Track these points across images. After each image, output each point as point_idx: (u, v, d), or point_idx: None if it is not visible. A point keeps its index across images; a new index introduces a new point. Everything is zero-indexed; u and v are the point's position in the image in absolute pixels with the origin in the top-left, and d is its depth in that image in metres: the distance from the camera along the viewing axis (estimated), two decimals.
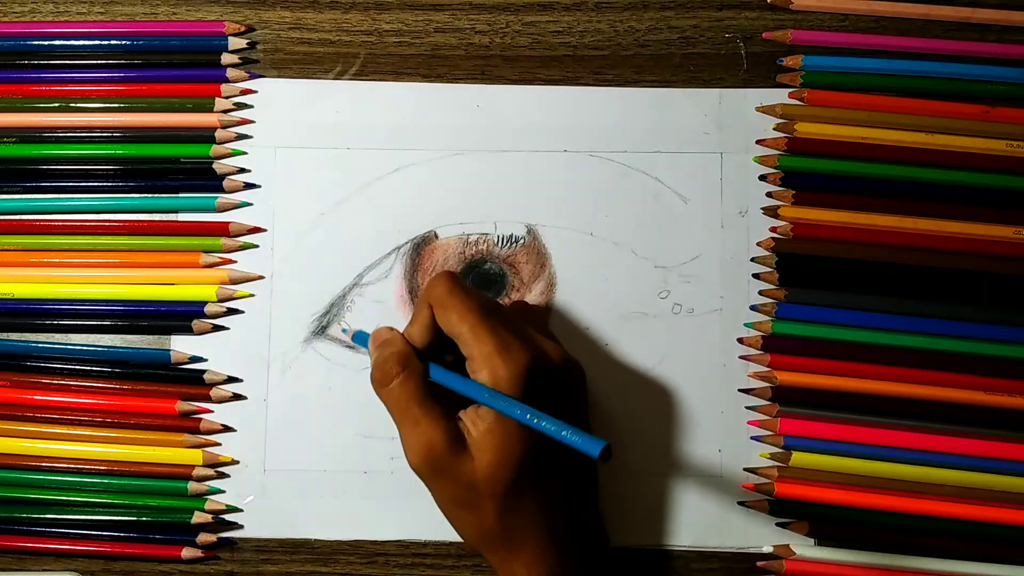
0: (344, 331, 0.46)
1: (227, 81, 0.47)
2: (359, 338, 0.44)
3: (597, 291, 0.46)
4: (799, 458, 0.44)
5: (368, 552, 0.45)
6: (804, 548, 0.44)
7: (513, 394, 0.36)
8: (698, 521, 0.45)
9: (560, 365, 0.39)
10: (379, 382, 0.38)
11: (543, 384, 0.37)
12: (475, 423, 0.37)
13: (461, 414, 0.38)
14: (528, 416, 0.35)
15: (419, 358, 0.38)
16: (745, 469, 0.45)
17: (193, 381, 0.46)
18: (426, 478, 0.38)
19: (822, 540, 0.44)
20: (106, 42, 0.48)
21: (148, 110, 0.47)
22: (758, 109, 0.47)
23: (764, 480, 0.45)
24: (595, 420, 0.45)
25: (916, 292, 0.46)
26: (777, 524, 0.45)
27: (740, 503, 0.45)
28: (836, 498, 0.44)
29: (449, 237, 0.47)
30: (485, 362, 0.36)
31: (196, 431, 0.45)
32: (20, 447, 0.46)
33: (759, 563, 0.45)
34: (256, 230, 0.47)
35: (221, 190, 0.47)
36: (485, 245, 0.47)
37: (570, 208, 0.47)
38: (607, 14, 0.48)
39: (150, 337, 0.47)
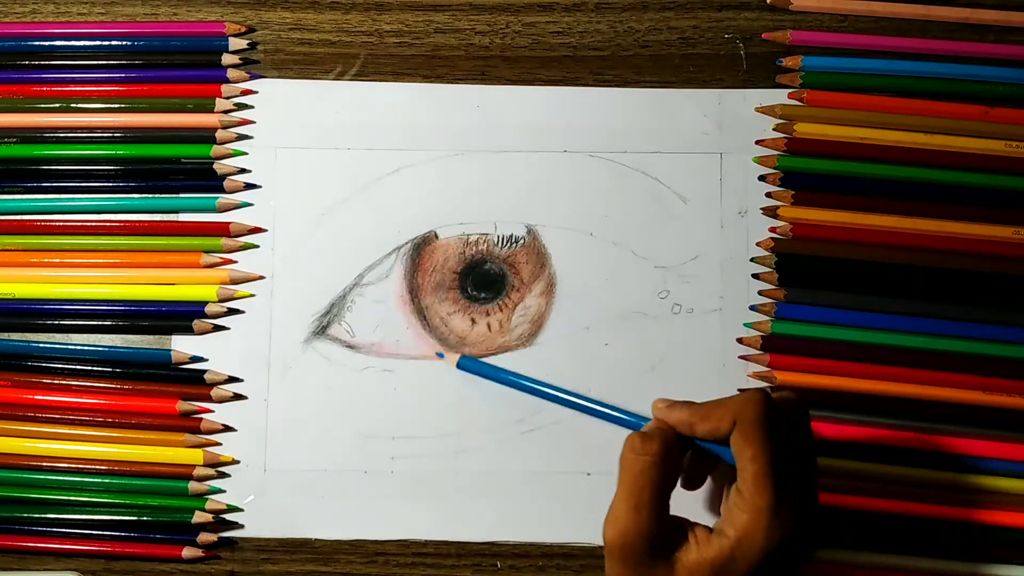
0: (440, 355, 0.45)
1: (228, 81, 0.48)
2: (465, 364, 0.44)
3: (597, 291, 0.46)
4: None
5: (368, 552, 0.45)
6: None
7: (755, 560, 0.33)
8: (698, 521, 0.45)
9: (811, 533, 0.36)
10: (632, 447, 0.36)
11: (786, 558, 0.34)
12: (702, 546, 0.34)
13: (688, 524, 0.35)
14: None
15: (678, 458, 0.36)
16: None
17: (194, 381, 0.46)
18: (610, 559, 0.35)
19: (822, 541, 0.44)
20: (107, 42, 0.48)
21: (149, 110, 0.47)
22: (758, 109, 0.47)
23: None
24: (594, 420, 0.45)
25: (916, 292, 0.46)
26: None
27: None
28: (836, 498, 0.44)
29: (449, 237, 0.47)
30: (750, 511, 0.33)
31: (197, 431, 0.46)
32: (21, 447, 0.46)
33: None
34: (257, 230, 0.47)
35: (222, 190, 0.47)
36: (485, 245, 0.47)
37: (570, 208, 0.47)
38: (607, 15, 0.48)
39: (151, 337, 0.47)
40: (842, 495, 0.44)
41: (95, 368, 0.46)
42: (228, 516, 0.45)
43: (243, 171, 0.47)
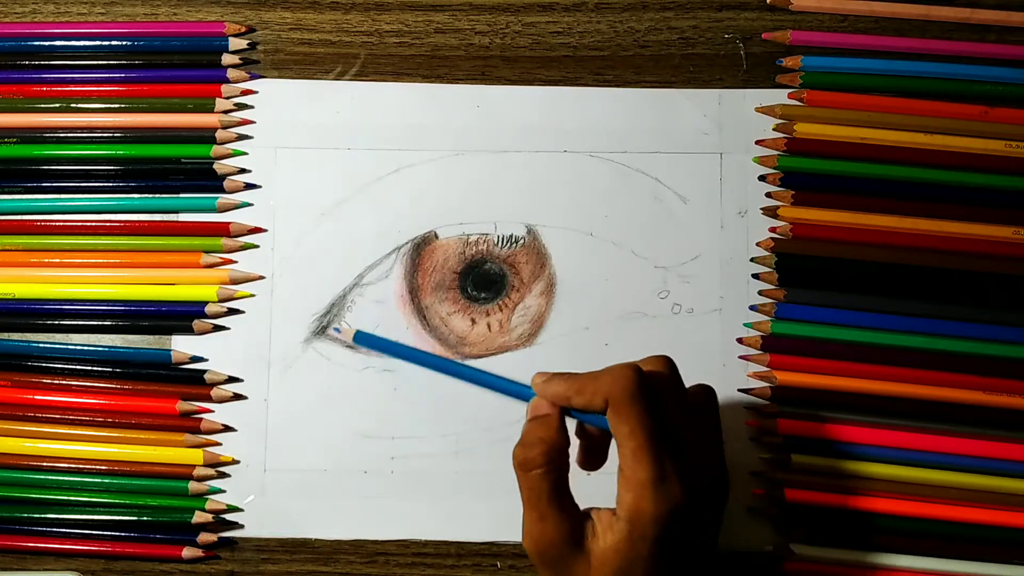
0: (336, 330, 0.46)
1: (228, 82, 0.48)
2: (361, 339, 0.44)
3: (597, 291, 0.46)
4: (799, 459, 0.44)
5: (368, 552, 0.45)
6: (804, 548, 0.44)
7: (650, 532, 0.33)
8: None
9: (712, 485, 0.36)
10: (519, 463, 0.36)
11: (688, 518, 0.34)
12: (605, 533, 0.34)
13: (594, 513, 0.36)
14: None
15: (566, 450, 0.36)
16: (751, 473, 0.45)
17: (194, 381, 0.46)
18: (535, 563, 0.36)
19: (822, 541, 0.44)
20: (107, 43, 0.48)
21: (149, 110, 0.47)
22: (758, 109, 0.47)
23: (774, 486, 0.45)
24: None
25: (916, 292, 0.46)
26: (777, 525, 0.45)
27: (750, 508, 0.45)
28: (836, 498, 0.44)
29: (449, 237, 0.47)
30: (635, 488, 0.34)
31: (197, 431, 0.46)
32: (21, 447, 0.46)
33: (759, 563, 0.45)
34: (257, 230, 0.47)
35: (222, 190, 0.47)
36: (485, 245, 0.47)
37: (570, 208, 0.47)
38: (607, 15, 0.48)
39: (151, 337, 0.47)
40: (842, 495, 0.44)
41: (95, 368, 0.46)
42: (228, 516, 0.45)
43: (243, 171, 0.47)
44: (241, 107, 0.48)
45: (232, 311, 0.47)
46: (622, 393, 0.34)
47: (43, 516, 0.45)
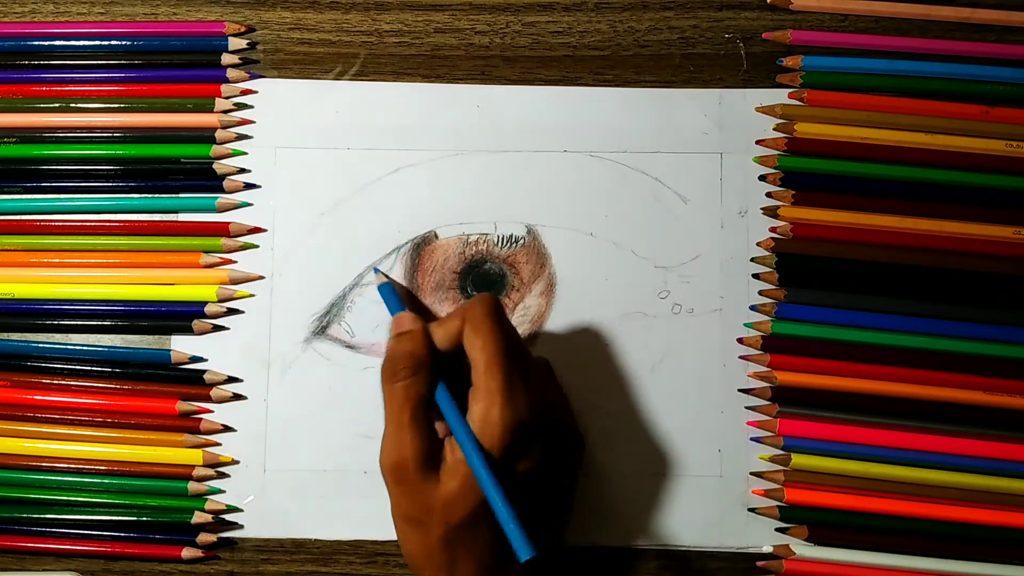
0: (376, 271, 0.46)
1: (227, 81, 0.48)
2: (385, 291, 0.44)
3: (597, 291, 0.46)
4: (799, 460, 0.44)
5: (368, 552, 0.45)
6: (804, 548, 0.44)
7: (497, 440, 0.35)
8: (698, 521, 0.45)
9: (559, 431, 0.39)
10: (386, 377, 0.38)
11: (533, 442, 0.37)
12: (455, 449, 0.36)
13: (447, 439, 0.37)
14: (487, 485, 0.35)
15: (432, 366, 0.38)
16: (752, 474, 0.45)
17: (193, 381, 0.46)
18: (388, 484, 0.37)
19: (822, 541, 0.44)
20: (106, 42, 0.48)
21: (148, 110, 0.47)
22: (758, 109, 0.47)
23: (774, 486, 0.45)
24: (595, 421, 0.45)
25: (916, 292, 0.46)
26: (777, 526, 0.45)
27: (751, 510, 0.45)
28: (836, 499, 0.44)
29: (449, 237, 0.47)
30: (485, 397, 0.36)
31: (196, 431, 0.45)
32: (20, 447, 0.46)
33: (759, 563, 0.45)
34: (256, 230, 0.47)
35: (221, 190, 0.47)
36: (485, 245, 0.47)
37: (570, 208, 0.47)
38: (607, 14, 0.48)
39: (150, 337, 0.47)
40: (842, 495, 0.44)
41: (95, 368, 0.46)
42: (228, 516, 0.45)
43: (243, 171, 0.47)
44: (241, 107, 0.48)
45: (232, 311, 0.46)
46: (479, 312, 0.37)
47: (43, 516, 0.45)
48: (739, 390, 0.46)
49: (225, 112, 0.47)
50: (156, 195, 0.47)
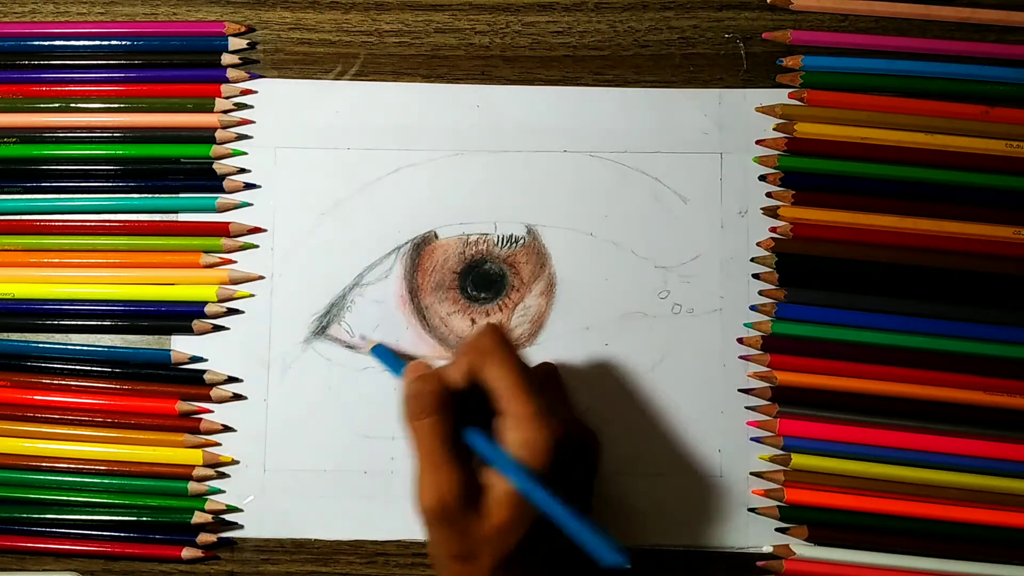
0: (361, 337, 0.46)
1: (227, 81, 0.48)
2: (379, 352, 0.44)
3: (597, 291, 0.46)
4: (799, 460, 0.44)
5: (368, 552, 0.45)
6: (804, 548, 0.44)
7: (543, 462, 0.35)
8: (698, 521, 0.45)
9: (577, 433, 0.40)
10: (411, 416, 0.37)
11: (568, 452, 0.36)
12: (500, 481, 0.35)
13: (483, 470, 0.36)
14: (553, 509, 0.34)
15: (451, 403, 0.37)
16: (752, 474, 0.45)
17: (193, 381, 0.46)
18: (430, 524, 0.36)
19: (822, 541, 0.44)
20: (106, 42, 0.48)
21: (148, 110, 0.47)
22: (758, 109, 0.47)
23: (774, 486, 0.45)
24: (594, 421, 0.45)
25: (916, 292, 0.46)
26: (777, 526, 0.45)
27: (751, 510, 0.45)
28: (836, 499, 0.44)
29: (449, 237, 0.47)
30: (520, 424, 0.35)
31: (196, 431, 0.45)
32: (20, 447, 0.46)
33: (759, 563, 0.45)
34: (256, 230, 0.47)
35: (221, 190, 0.47)
36: (485, 245, 0.47)
37: (570, 208, 0.47)
38: (607, 14, 0.48)
39: (150, 337, 0.47)
40: (842, 495, 0.44)
41: (94, 368, 0.46)
42: (228, 516, 0.45)
43: (243, 171, 0.47)
44: (241, 107, 0.48)
45: (231, 311, 0.46)
46: (488, 344, 0.37)
47: (43, 516, 0.45)
48: (739, 390, 0.46)
49: (225, 112, 0.47)
50: (156, 195, 0.47)
